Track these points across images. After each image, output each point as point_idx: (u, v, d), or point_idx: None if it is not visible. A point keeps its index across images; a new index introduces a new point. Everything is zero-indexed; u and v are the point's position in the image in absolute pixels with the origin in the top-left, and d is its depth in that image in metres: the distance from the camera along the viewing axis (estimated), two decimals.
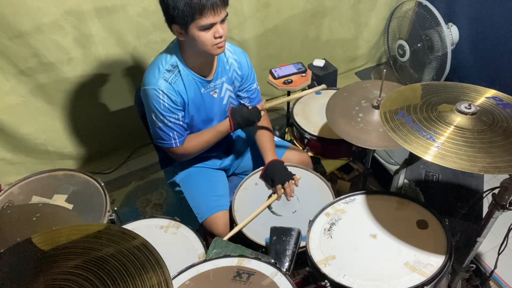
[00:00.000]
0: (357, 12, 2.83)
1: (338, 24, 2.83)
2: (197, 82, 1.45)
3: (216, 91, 1.51)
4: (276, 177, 1.51)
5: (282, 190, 1.51)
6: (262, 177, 1.59)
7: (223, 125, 1.53)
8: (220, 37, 1.31)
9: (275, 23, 2.56)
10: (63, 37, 1.98)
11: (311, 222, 1.33)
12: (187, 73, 1.41)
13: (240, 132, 1.83)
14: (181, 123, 1.46)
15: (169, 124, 1.43)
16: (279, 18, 2.56)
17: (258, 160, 1.73)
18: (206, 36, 1.29)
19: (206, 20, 1.25)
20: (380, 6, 2.86)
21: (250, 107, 1.55)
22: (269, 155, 1.60)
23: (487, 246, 1.84)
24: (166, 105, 1.39)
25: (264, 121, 1.65)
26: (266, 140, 1.64)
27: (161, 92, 1.37)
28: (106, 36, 2.09)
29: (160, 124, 1.43)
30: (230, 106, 1.59)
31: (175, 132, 1.46)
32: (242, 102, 1.64)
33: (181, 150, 1.51)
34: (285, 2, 2.51)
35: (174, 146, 1.49)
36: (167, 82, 1.38)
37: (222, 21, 1.30)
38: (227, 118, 1.52)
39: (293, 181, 1.53)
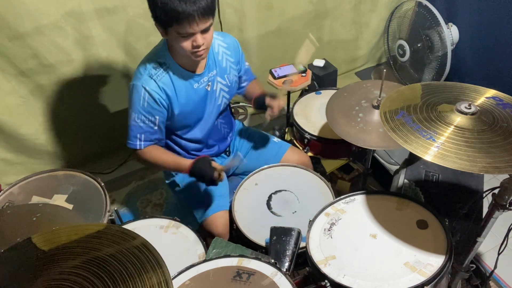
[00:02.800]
0: (358, 13, 2.83)
1: (340, 25, 2.83)
2: (188, 78, 1.43)
3: (209, 84, 1.50)
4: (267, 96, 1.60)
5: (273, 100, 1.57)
6: (254, 105, 1.66)
7: (184, 164, 1.43)
8: (199, 46, 1.28)
9: (278, 24, 2.56)
10: (63, 38, 1.98)
11: (311, 222, 1.33)
12: (175, 70, 1.40)
13: (240, 132, 1.83)
14: (154, 127, 1.42)
15: (141, 125, 1.39)
16: (282, 20, 2.56)
17: (258, 160, 1.73)
18: (184, 43, 1.27)
19: (182, 29, 1.22)
20: (381, 7, 2.86)
21: (213, 163, 1.40)
22: (258, 90, 1.68)
23: (487, 246, 1.84)
24: (146, 104, 1.36)
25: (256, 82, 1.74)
26: (254, 86, 1.72)
27: (143, 89, 1.35)
28: (106, 37, 2.09)
29: (133, 122, 1.39)
30: (223, 100, 1.58)
31: (143, 135, 1.42)
32: (242, 83, 1.68)
33: (140, 154, 1.46)
34: (287, 4, 2.51)
35: (138, 148, 1.43)
36: (152, 79, 1.35)
37: (204, 31, 1.26)
38: (191, 161, 1.42)
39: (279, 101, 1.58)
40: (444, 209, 1.49)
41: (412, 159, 1.72)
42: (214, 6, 1.25)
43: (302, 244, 1.32)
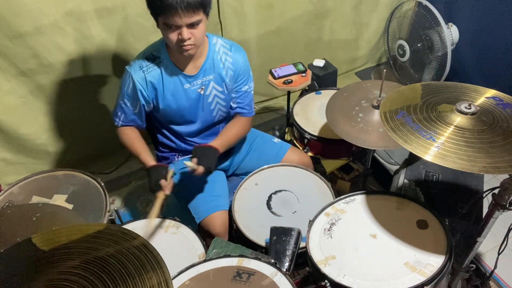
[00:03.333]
0: (359, 13, 2.83)
1: (340, 25, 2.83)
2: (179, 77, 1.45)
3: (202, 88, 1.51)
4: (199, 156, 1.44)
5: (195, 162, 1.42)
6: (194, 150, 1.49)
7: (145, 160, 1.47)
8: (184, 40, 1.27)
9: (278, 24, 2.56)
10: (63, 38, 1.98)
11: (311, 222, 1.33)
12: (168, 65, 1.43)
13: None
14: (134, 110, 1.50)
15: (123, 105, 1.50)
16: (282, 20, 2.56)
17: (258, 160, 1.73)
18: (170, 35, 1.28)
19: (167, 20, 1.23)
20: (381, 7, 2.86)
21: (161, 181, 1.40)
22: (215, 140, 1.54)
23: (487, 246, 1.84)
24: (129, 90, 1.45)
25: (238, 123, 1.62)
26: (225, 130, 1.62)
27: (130, 76, 1.42)
28: (106, 37, 2.09)
29: (119, 101, 1.51)
30: (217, 106, 1.58)
31: (123, 115, 1.53)
32: (232, 104, 1.62)
33: (117, 130, 1.57)
34: (288, 4, 2.50)
35: (116, 124, 1.56)
36: (141, 70, 1.41)
37: (192, 25, 1.26)
38: (152, 164, 1.45)
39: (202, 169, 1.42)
40: (444, 209, 1.49)
41: (412, 159, 1.72)
42: (203, 3, 1.25)
43: (302, 244, 1.32)
